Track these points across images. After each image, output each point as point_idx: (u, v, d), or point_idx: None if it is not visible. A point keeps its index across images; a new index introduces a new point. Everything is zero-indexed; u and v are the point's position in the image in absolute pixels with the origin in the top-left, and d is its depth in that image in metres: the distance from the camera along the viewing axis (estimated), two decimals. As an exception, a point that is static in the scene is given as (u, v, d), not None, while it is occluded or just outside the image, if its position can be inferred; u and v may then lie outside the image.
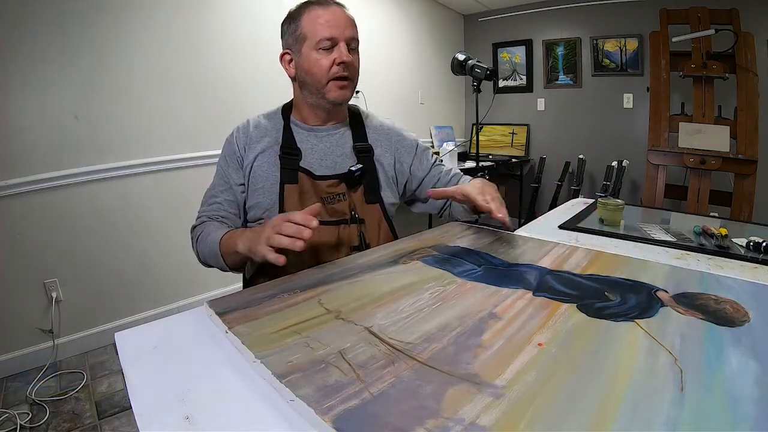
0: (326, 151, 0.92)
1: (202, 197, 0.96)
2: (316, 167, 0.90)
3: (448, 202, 1.02)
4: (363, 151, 0.94)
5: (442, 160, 1.07)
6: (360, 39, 0.89)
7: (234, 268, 0.84)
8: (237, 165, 0.91)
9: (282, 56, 0.91)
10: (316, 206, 0.66)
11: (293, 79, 0.91)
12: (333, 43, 0.83)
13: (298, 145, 0.90)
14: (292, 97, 0.96)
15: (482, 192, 0.81)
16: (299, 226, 0.63)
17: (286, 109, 0.95)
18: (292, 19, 0.87)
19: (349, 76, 0.86)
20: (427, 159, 1.02)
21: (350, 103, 0.99)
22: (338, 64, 0.84)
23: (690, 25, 2.00)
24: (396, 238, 0.94)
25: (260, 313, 0.56)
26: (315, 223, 0.63)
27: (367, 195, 0.92)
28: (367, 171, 0.92)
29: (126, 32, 1.88)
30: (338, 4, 0.86)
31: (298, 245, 0.62)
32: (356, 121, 0.97)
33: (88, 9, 1.77)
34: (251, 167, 0.89)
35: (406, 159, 1.00)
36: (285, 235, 0.63)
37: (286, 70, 0.91)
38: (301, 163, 0.89)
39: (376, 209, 0.92)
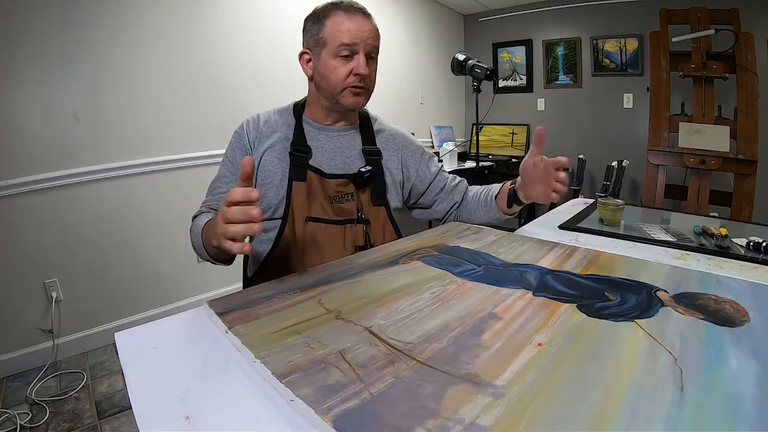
0: (336, 150, 0.92)
1: (202, 197, 0.95)
2: (325, 166, 0.90)
3: (455, 206, 1.05)
4: (372, 154, 0.95)
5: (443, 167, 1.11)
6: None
7: (222, 261, 0.79)
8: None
9: (301, 55, 0.90)
10: (248, 159, 0.59)
11: (310, 78, 0.91)
12: (352, 52, 0.83)
13: (308, 143, 0.91)
14: (306, 94, 0.96)
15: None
16: (244, 207, 0.56)
17: (298, 107, 0.95)
18: (316, 19, 0.86)
19: (364, 86, 0.87)
20: (435, 165, 1.05)
21: None
22: (354, 75, 0.84)
23: (690, 25, 2.00)
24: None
25: (260, 313, 0.56)
26: (255, 194, 0.56)
27: (374, 197, 0.92)
28: (375, 173, 0.93)
29: (127, 32, 1.88)
30: (365, 13, 0.86)
31: (255, 229, 0.56)
32: (365, 124, 0.98)
33: (90, 8, 1.77)
34: (260, 161, 0.89)
35: (412, 164, 1.01)
36: (236, 223, 0.57)
37: (304, 69, 0.91)
38: (311, 162, 0.89)
39: (381, 211, 0.93)
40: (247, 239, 0.63)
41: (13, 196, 1.68)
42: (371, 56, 0.87)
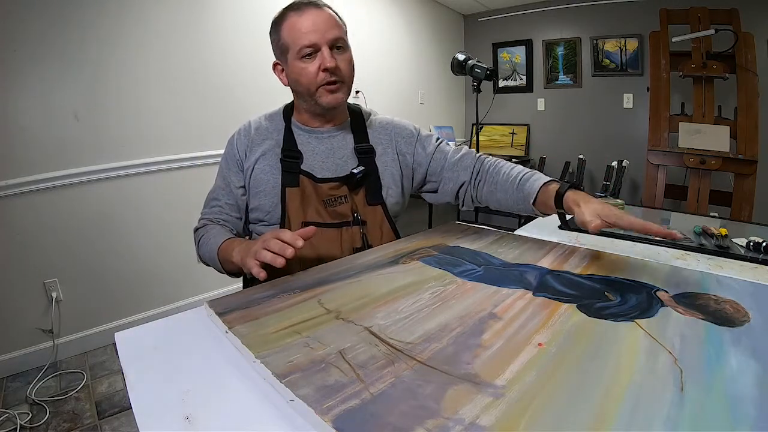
0: (327, 153, 0.91)
1: (202, 197, 0.96)
2: (317, 170, 0.89)
3: (464, 185, 0.94)
4: (364, 152, 0.92)
5: (448, 143, 1.01)
6: (360, 39, 0.88)
7: (231, 274, 0.84)
8: (237, 168, 0.91)
9: (274, 66, 0.90)
10: (311, 229, 0.67)
11: (287, 86, 0.91)
12: (315, 49, 0.81)
13: (299, 148, 0.90)
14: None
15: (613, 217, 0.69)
16: (284, 244, 0.64)
17: (288, 110, 0.94)
18: (274, 27, 0.86)
19: (338, 79, 0.84)
20: (431, 144, 0.98)
21: (353, 102, 0.99)
22: (323, 71, 0.82)
23: (690, 25, 2.00)
24: (398, 238, 0.94)
25: (260, 313, 0.56)
26: (300, 243, 0.64)
27: (368, 196, 0.91)
28: (368, 172, 0.90)
29: (127, 32, 1.88)
30: (315, 4, 0.83)
31: (279, 262, 0.63)
32: (358, 121, 0.96)
33: (90, 8, 1.77)
34: (252, 170, 0.89)
35: (407, 150, 0.97)
36: (270, 251, 0.64)
37: (280, 79, 0.91)
38: (303, 166, 0.88)
39: (378, 211, 0.91)
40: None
41: (13, 196, 1.68)
42: (337, 46, 0.83)
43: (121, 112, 1.91)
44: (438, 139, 1.00)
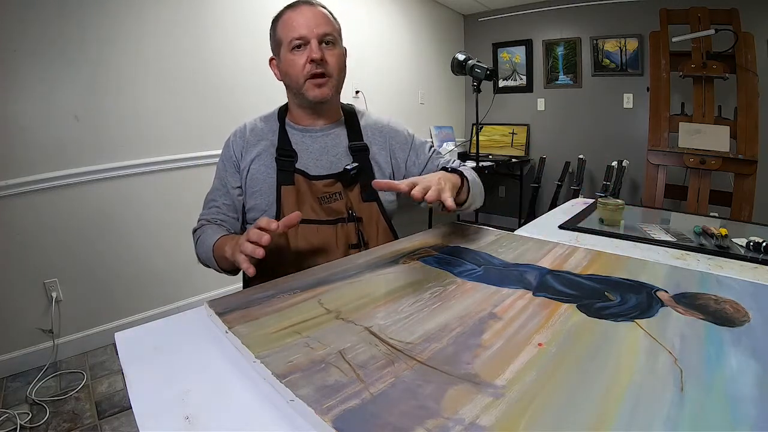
0: (321, 151, 0.92)
1: (202, 197, 0.97)
2: (311, 168, 0.90)
3: None
4: (358, 150, 0.93)
5: (440, 152, 1.03)
6: (360, 39, 0.89)
7: (228, 272, 0.85)
8: (234, 169, 0.92)
9: (270, 61, 0.93)
10: (295, 215, 0.69)
11: (280, 80, 0.93)
12: (304, 42, 0.84)
13: (294, 147, 0.91)
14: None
15: (425, 181, 0.72)
16: (261, 231, 0.65)
17: (282, 111, 0.96)
18: (272, 24, 0.90)
19: (325, 72, 0.86)
20: (424, 153, 1.00)
21: (347, 102, 1.00)
22: (310, 62, 0.84)
23: (690, 25, 2.00)
24: (395, 235, 0.94)
25: (260, 313, 0.56)
26: (275, 225, 0.66)
27: (363, 193, 0.91)
28: (363, 169, 0.91)
29: (126, 32, 1.88)
30: (309, 3, 0.87)
31: (258, 252, 0.65)
32: (351, 119, 0.97)
33: (90, 8, 1.77)
34: (248, 170, 0.91)
35: (401, 155, 0.98)
36: (249, 242, 0.66)
37: (275, 74, 0.93)
38: (297, 165, 0.89)
39: (373, 207, 0.92)
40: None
41: (13, 196, 1.68)
42: (326, 42, 0.86)
43: (121, 112, 1.91)
44: (431, 147, 1.02)
